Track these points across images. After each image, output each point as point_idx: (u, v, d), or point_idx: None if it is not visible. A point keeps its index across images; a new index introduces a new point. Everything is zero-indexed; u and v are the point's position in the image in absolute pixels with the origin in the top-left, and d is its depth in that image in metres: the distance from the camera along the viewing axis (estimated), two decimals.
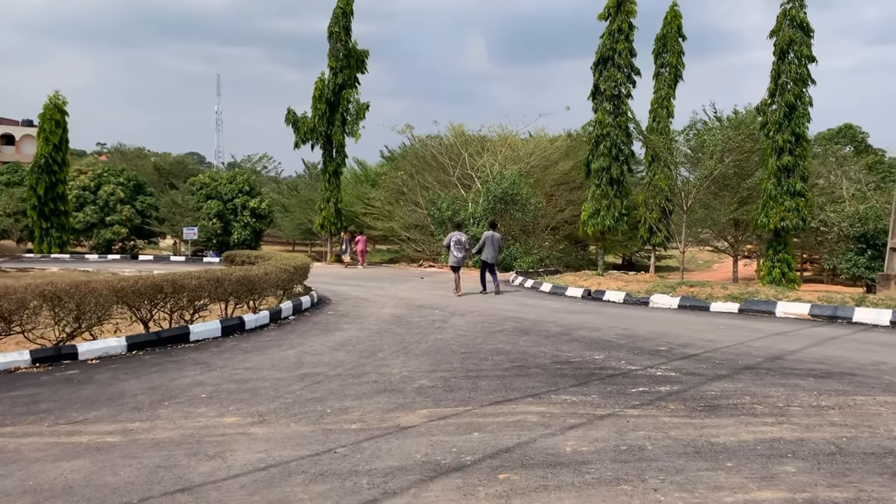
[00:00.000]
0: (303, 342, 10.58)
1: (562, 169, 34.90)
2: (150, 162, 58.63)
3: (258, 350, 9.90)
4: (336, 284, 20.38)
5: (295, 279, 14.15)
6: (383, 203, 38.01)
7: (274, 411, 6.72)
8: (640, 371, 8.58)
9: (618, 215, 23.48)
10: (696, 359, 9.38)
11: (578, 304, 16.11)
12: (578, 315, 14.05)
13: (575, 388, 7.62)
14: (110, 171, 38.78)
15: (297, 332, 11.52)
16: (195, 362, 9.04)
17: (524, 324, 12.62)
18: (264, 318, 11.99)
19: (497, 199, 30.32)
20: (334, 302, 15.81)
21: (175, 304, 10.44)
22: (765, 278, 20.41)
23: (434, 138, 38.31)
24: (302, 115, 33.62)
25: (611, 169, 23.14)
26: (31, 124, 69.28)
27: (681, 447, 5.57)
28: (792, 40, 19.48)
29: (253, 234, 38.46)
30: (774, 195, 20.00)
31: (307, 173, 57.17)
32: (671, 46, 27.06)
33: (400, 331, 11.67)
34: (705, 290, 16.05)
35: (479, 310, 14.71)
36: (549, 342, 10.62)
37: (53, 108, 32.63)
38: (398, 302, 16.01)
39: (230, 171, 47.11)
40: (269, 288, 12.60)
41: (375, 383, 7.85)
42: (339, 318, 13.16)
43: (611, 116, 23.32)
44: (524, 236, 32.35)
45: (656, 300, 15.72)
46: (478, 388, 7.63)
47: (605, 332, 11.74)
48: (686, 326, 12.57)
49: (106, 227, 36.01)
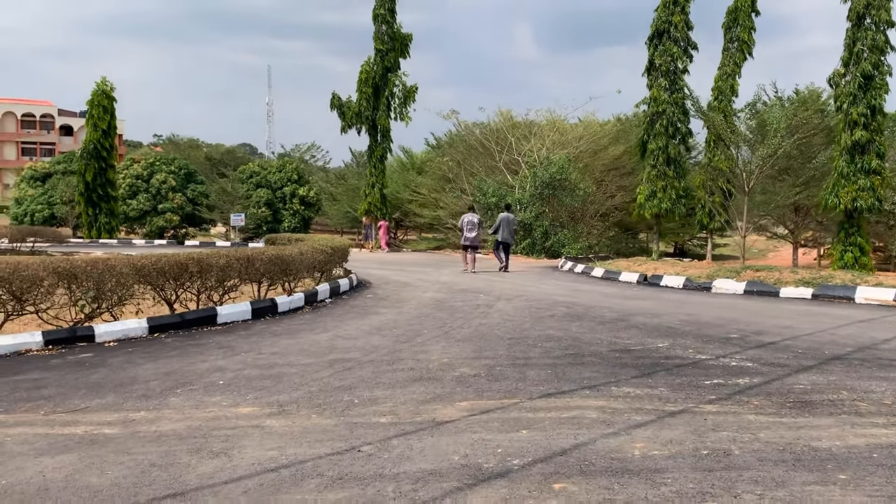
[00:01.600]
0: (337, 326, 9.81)
1: (612, 154, 33.58)
2: (203, 152, 59.17)
3: (289, 334, 9.17)
4: (377, 269, 19.66)
5: (333, 261, 13.43)
6: (429, 190, 37.30)
7: (296, 401, 5.94)
8: (712, 361, 7.55)
9: (675, 197, 22.22)
10: (773, 347, 8.29)
11: (634, 290, 15.02)
12: (635, 301, 12.99)
13: (638, 380, 6.65)
14: (162, 159, 39.19)
15: (333, 316, 10.78)
16: (219, 346, 8.35)
17: (576, 309, 11.64)
18: (299, 301, 11.29)
19: (545, 184, 29.22)
20: (374, 286, 15.06)
21: (203, 284, 9.79)
22: (836, 263, 18.92)
23: (480, 125, 37.31)
24: (346, 100, 33.03)
25: (668, 148, 21.88)
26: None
27: (775, 453, 4.58)
28: (869, 4, 17.87)
29: (302, 221, 38.38)
30: (846, 173, 18.47)
31: (354, 162, 56.86)
32: (742, 21, 25.32)
33: (441, 315, 10.82)
34: (773, 274, 14.79)
35: (527, 294, 13.77)
36: (604, 328, 9.64)
37: (101, 94, 32.69)
38: (440, 286, 15.18)
39: (279, 160, 47.09)
40: (304, 269, 11.89)
41: (411, 371, 7.02)
42: (377, 302, 12.38)
43: (666, 93, 22.02)
44: (572, 223, 31.21)
45: (719, 285, 14.53)
46: (526, 377, 6.72)
47: (666, 318, 10.68)
48: (756, 313, 11.41)
49: (158, 214, 36.41)
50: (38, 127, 75.67)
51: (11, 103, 75.56)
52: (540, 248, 29.26)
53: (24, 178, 41.01)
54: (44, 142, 75.74)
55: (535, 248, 29.29)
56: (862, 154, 18.38)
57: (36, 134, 75.39)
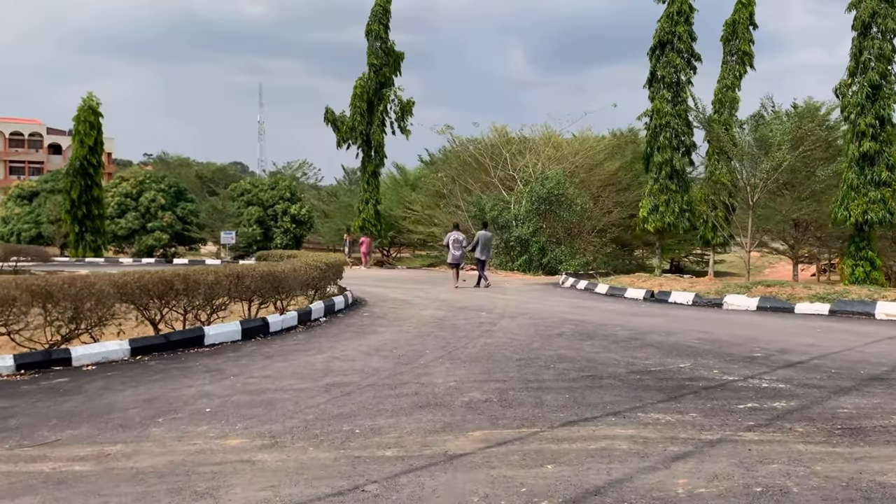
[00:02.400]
0: (333, 346, 9.21)
1: (608, 169, 33.16)
2: (193, 170, 58.52)
3: (281, 355, 8.56)
4: (374, 286, 19.06)
5: (327, 278, 12.84)
6: (423, 207, 36.82)
7: (290, 431, 5.34)
8: (741, 382, 6.98)
9: (678, 211, 21.74)
10: (803, 367, 7.73)
11: (642, 307, 14.46)
12: (645, 318, 12.43)
13: (665, 404, 6.08)
14: (152, 178, 38.55)
15: (328, 336, 10.17)
16: (206, 369, 7.73)
17: (585, 327, 11.07)
18: (291, 320, 10.68)
19: (542, 199, 28.75)
20: (371, 303, 14.46)
21: (189, 302, 9.18)
22: (846, 278, 18.43)
23: (474, 140, 36.91)
24: (340, 115, 32.61)
25: (672, 161, 21.43)
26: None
27: (839, 490, 4.01)
28: (875, 12, 17.53)
29: (293, 239, 37.79)
30: (856, 185, 18.03)
31: (347, 179, 56.35)
32: (742, 33, 25.04)
33: (443, 334, 10.23)
34: (785, 290, 14.28)
35: (531, 311, 13.20)
36: (619, 348, 9.07)
37: (87, 109, 32.10)
38: (440, 304, 14.59)
39: (271, 178, 46.59)
40: (297, 286, 11.30)
41: (416, 396, 6.42)
42: (374, 321, 11.78)
43: (669, 105, 21.64)
44: (569, 239, 30.74)
45: (731, 301, 14.00)
46: (543, 403, 6.14)
47: (682, 336, 10.12)
48: (775, 330, 10.86)
49: (147, 233, 35.78)
50: (27, 146, 74.97)
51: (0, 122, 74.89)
52: (537, 265, 28.74)
53: (11, 196, 40.27)
54: (32, 160, 74.99)
55: (532, 264, 28.77)
56: (871, 165, 17.95)
57: (24, 153, 74.66)
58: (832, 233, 26.69)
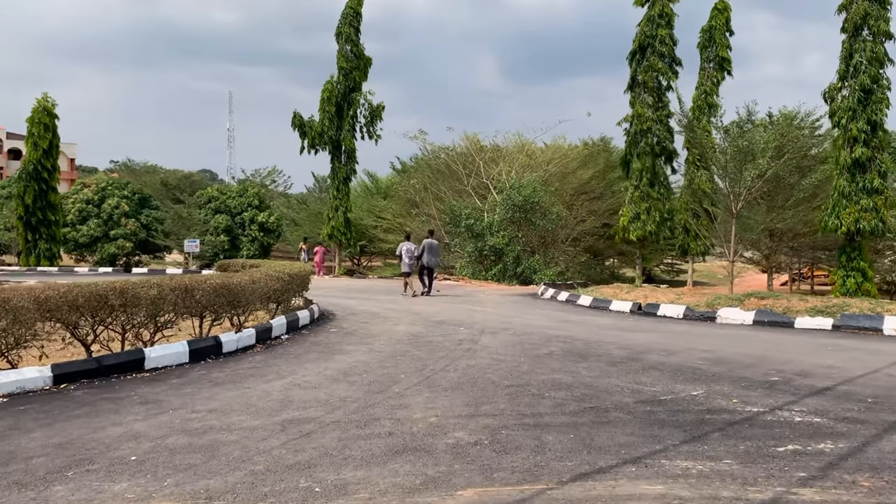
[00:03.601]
0: (295, 370, 8.06)
1: (581, 178, 32.68)
2: (159, 177, 56.84)
3: (233, 382, 7.39)
4: (343, 298, 17.90)
5: (291, 290, 11.67)
6: (394, 215, 35.98)
7: (232, 489, 4.22)
8: (768, 415, 6.00)
9: (660, 220, 20.92)
10: (832, 395, 6.79)
11: (630, 321, 13.51)
12: (638, 334, 11.46)
13: (691, 447, 5.07)
14: (114, 184, 37.21)
15: (290, 356, 9.01)
16: (142, 400, 6.55)
17: (575, 345, 10.06)
18: (249, 338, 9.50)
19: (517, 207, 27.90)
20: (339, 317, 13.31)
21: (128, 320, 7.98)
22: (837, 289, 17.74)
23: (446, 148, 36.10)
24: (309, 119, 31.42)
25: (653, 168, 20.62)
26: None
27: None
28: (867, 13, 16.90)
29: (261, 248, 36.55)
30: (848, 192, 17.35)
31: (316, 187, 55.12)
32: (719, 39, 24.42)
33: (419, 354, 9.14)
34: (780, 302, 13.44)
35: (513, 327, 12.17)
36: (618, 371, 8.06)
37: (42, 111, 30.43)
38: (414, 318, 13.50)
39: (239, 185, 45.26)
40: (256, 300, 10.13)
41: (390, 436, 5.33)
42: (343, 338, 10.64)
43: (651, 110, 20.86)
44: (543, 248, 29.97)
45: (725, 315, 13.11)
46: (544, 446, 5.09)
47: (684, 356, 9.14)
48: (782, 348, 9.95)
49: (110, 241, 34.46)
50: None
51: None
52: (512, 274, 27.84)
53: None
54: None
55: (506, 273, 27.86)
56: (863, 172, 17.29)
57: None
58: (805, 242, 26.30)
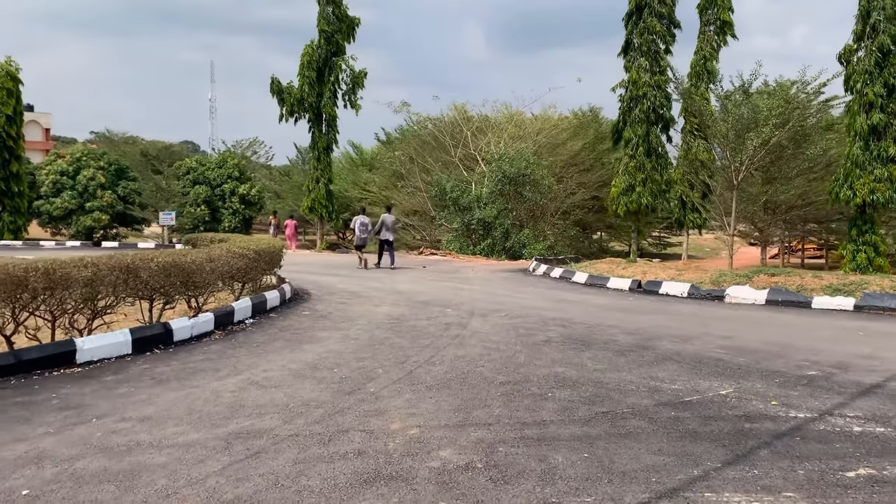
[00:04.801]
0: (255, 363, 6.94)
1: (571, 149, 31.66)
2: (138, 148, 55.18)
3: (180, 378, 6.27)
4: (323, 275, 16.75)
5: (258, 268, 10.50)
6: (379, 188, 34.82)
7: None
8: (820, 423, 4.97)
9: (657, 191, 19.85)
10: (885, 395, 5.77)
11: (631, 300, 12.47)
12: (642, 316, 10.42)
13: (737, 472, 4.02)
14: (90, 154, 35.69)
15: (252, 345, 7.88)
16: (62, 405, 5.42)
17: (576, 329, 9.00)
18: (206, 324, 8.35)
19: (509, 179, 26.80)
20: (315, 297, 12.17)
21: (59, 305, 6.81)
22: (847, 264, 16.77)
23: (433, 119, 34.84)
24: (287, 85, 29.91)
25: (648, 137, 19.49)
26: (31, 109, 65.60)
27: None
28: None
29: (243, 221, 35.36)
30: (861, 161, 16.27)
31: (299, 158, 53.62)
32: (720, 0, 23.14)
33: (401, 342, 8.05)
34: (792, 279, 12.45)
35: (505, 308, 11.09)
36: (628, 363, 7.00)
37: (5, 75, 28.70)
38: (397, 298, 12.40)
39: (219, 156, 43.83)
40: (216, 280, 8.97)
41: (360, 457, 4.25)
42: (316, 322, 9.51)
43: (647, 75, 19.66)
44: (532, 221, 28.93)
45: (734, 294, 12.11)
46: (553, 471, 4.02)
47: (699, 343, 8.11)
48: (807, 333, 8.94)
49: (86, 213, 33.21)
50: None
51: None
52: (500, 249, 26.80)
53: None
54: None
55: (495, 248, 26.81)
56: (878, 140, 16.22)
57: None
58: (798, 215, 25.45)
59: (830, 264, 28.63)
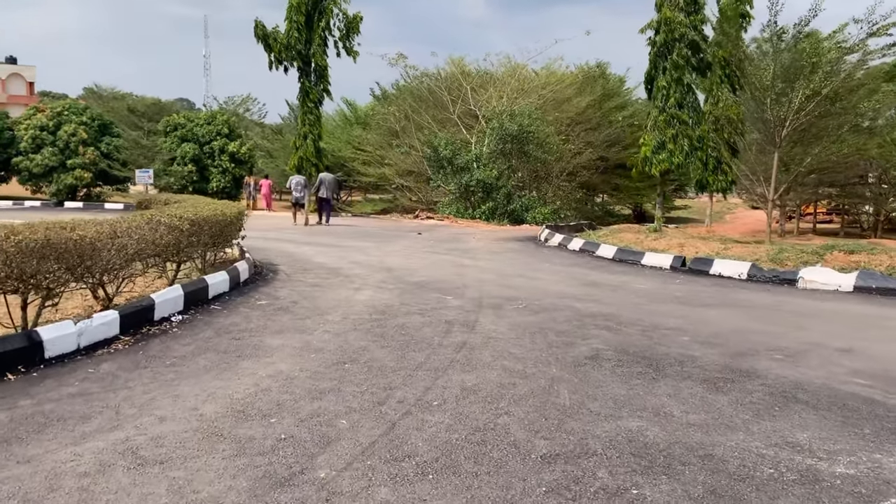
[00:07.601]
0: (151, 403, 4.45)
1: (577, 106, 29.18)
2: (126, 104, 52.48)
3: (6, 441, 3.80)
4: (300, 244, 14.21)
5: (199, 242, 7.94)
6: (374, 147, 32.38)
7: None
8: None
9: (689, 149, 17.29)
10: None
11: (678, 283, 9.96)
12: (708, 310, 7.91)
13: None
14: (71, 108, 33.49)
15: (162, 364, 5.37)
16: None
17: (628, 334, 6.50)
18: (105, 328, 5.85)
19: (511, 137, 24.26)
20: (281, 277, 9.65)
21: None
22: None
23: (430, 74, 32.13)
24: (273, 30, 26.98)
25: (682, 83, 16.86)
26: (14, 62, 62.40)
27: None
28: None
29: (233, 180, 32.96)
30: None
31: (292, 115, 50.86)
32: None
33: (383, 358, 5.56)
34: (878, 258, 9.97)
35: (522, 294, 8.59)
36: (734, 406, 4.52)
37: None
38: (385, 277, 9.89)
39: (208, 112, 41.21)
40: (130, 261, 6.46)
41: None
42: (270, 319, 6.99)
43: (682, 13, 16.91)
44: (535, 183, 26.48)
45: (812, 277, 9.60)
46: None
47: (816, 362, 5.62)
48: None
49: (67, 171, 31.37)
50: None
51: None
52: (503, 213, 24.34)
53: None
54: None
55: (496, 212, 24.34)
56: None
57: None
58: (814, 179, 23.17)
59: (846, 230, 26.37)
